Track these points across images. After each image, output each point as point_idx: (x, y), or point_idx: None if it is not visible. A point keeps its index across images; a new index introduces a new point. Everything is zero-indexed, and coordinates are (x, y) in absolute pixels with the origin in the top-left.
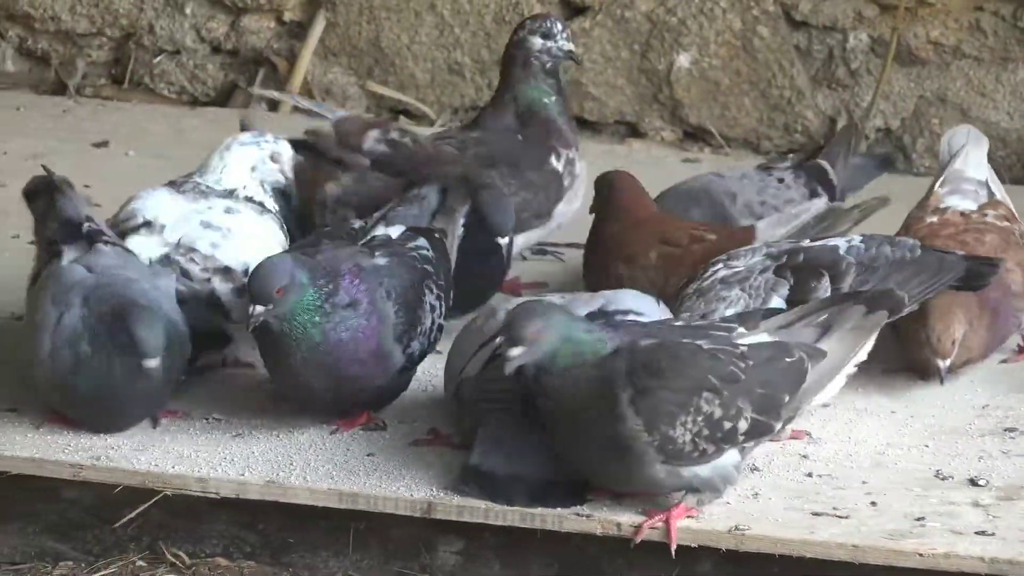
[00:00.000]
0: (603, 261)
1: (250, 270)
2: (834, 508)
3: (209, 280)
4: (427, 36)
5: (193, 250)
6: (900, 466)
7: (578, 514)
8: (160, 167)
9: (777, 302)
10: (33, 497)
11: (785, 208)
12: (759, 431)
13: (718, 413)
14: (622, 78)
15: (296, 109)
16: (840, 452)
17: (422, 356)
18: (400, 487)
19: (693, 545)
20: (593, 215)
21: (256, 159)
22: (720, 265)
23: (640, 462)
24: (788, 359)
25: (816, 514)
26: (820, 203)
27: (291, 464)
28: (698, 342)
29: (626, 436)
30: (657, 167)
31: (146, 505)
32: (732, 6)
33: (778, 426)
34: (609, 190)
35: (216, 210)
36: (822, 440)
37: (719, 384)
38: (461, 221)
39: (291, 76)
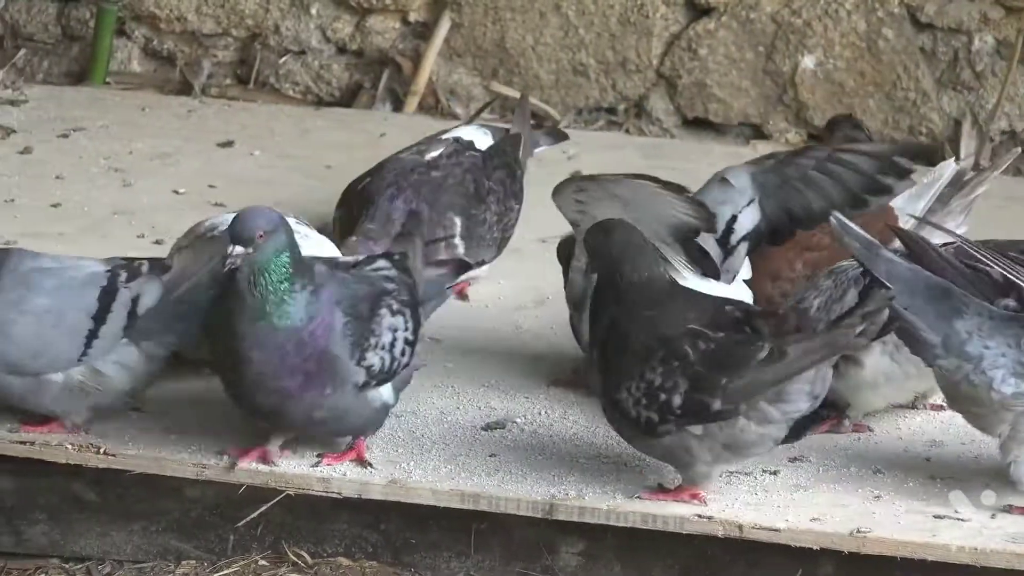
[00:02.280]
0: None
1: None
2: (956, 511)
3: None
4: (552, 37)
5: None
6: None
7: (699, 516)
8: (285, 167)
9: (852, 296)
10: (157, 496)
11: None
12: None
13: None
14: (746, 80)
15: (419, 109)
16: (963, 455)
17: (390, 374)
18: (522, 488)
19: (815, 547)
20: None
21: None
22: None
23: None
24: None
25: (938, 517)
26: (951, 165)
27: (413, 464)
28: None
29: None
30: None
31: (268, 504)
32: (857, 8)
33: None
34: None
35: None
36: (944, 443)
37: None
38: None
39: (416, 77)
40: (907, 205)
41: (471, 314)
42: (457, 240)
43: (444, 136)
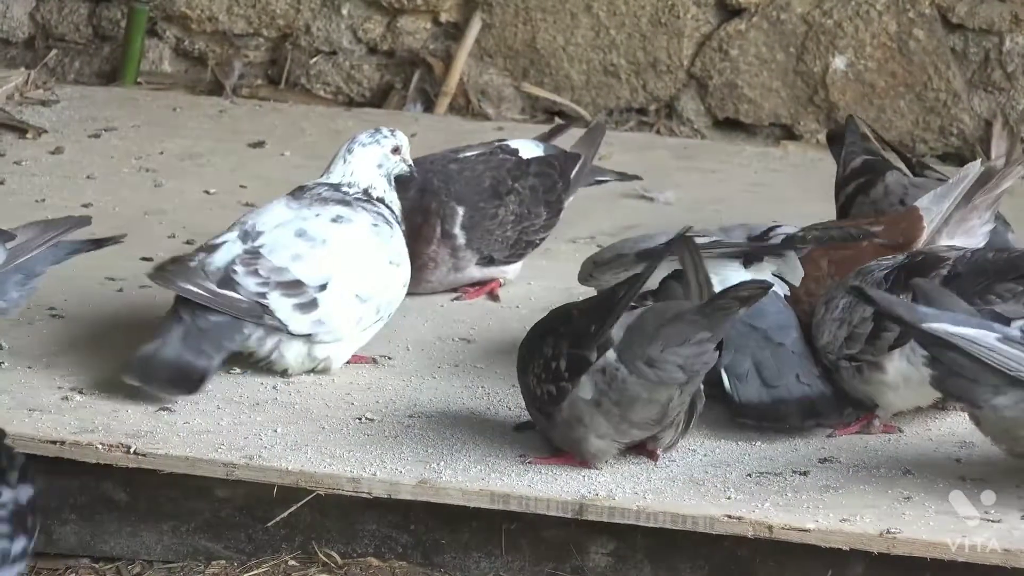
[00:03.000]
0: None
1: (332, 284)
2: (986, 512)
3: (264, 293)
4: (583, 38)
5: (259, 257)
6: None
7: (729, 516)
8: (316, 168)
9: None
10: (186, 496)
11: None
12: None
13: None
14: (777, 80)
15: (450, 110)
16: (993, 456)
17: None
18: (552, 488)
19: (845, 548)
20: None
21: (380, 156)
22: None
23: None
24: None
25: (968, 517)
26: (976, 167)
27: (442, 464)
28: None
29: None
30: (812, 169)
31: (298, 505)
32: (888, 8)
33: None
34: None
35: (323, 218)
36: (975, 444)
37: None
38: None
39: (446, 77)
40: (932, 205)
41: (502, 315)
42: (457, 229)
43: (496, 142)
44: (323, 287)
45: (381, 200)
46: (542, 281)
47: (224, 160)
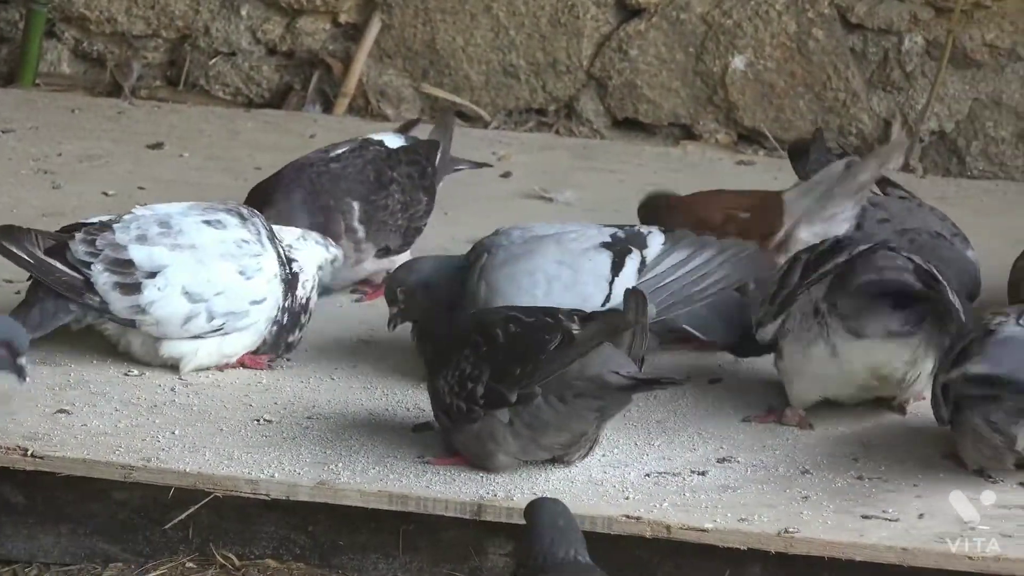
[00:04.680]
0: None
1: (163, 273)
2: (884, 511)
3: (89, 264)
4: (482, 38)
5: (105, 230)
6: (950, 469)
7: (627, 517)
8: (215, 169)
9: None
10: (84, 498)
11: None
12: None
13: None
14: (677, 80)
15: (349, 111)
16: (891, 455)
17: None
18: (450, 489)
19: (743, 548)
20: None
21: (323, 259)
22: None
23: None
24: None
25: (866, 517)
26: (840, 165)
27: (341, 465)
28: None
29: None
30: (711, 169)
31: (196, 507)
32: (787, 8)
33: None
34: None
35: (197, 217)
36: (873, 444)
37: None
38: None
39: (346, 78)
40: (797, 196)
41: None
42: (356, 224)
43: (360, 137)
44: (153, 274)
45: (295, 275)
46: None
47: (122, 162)
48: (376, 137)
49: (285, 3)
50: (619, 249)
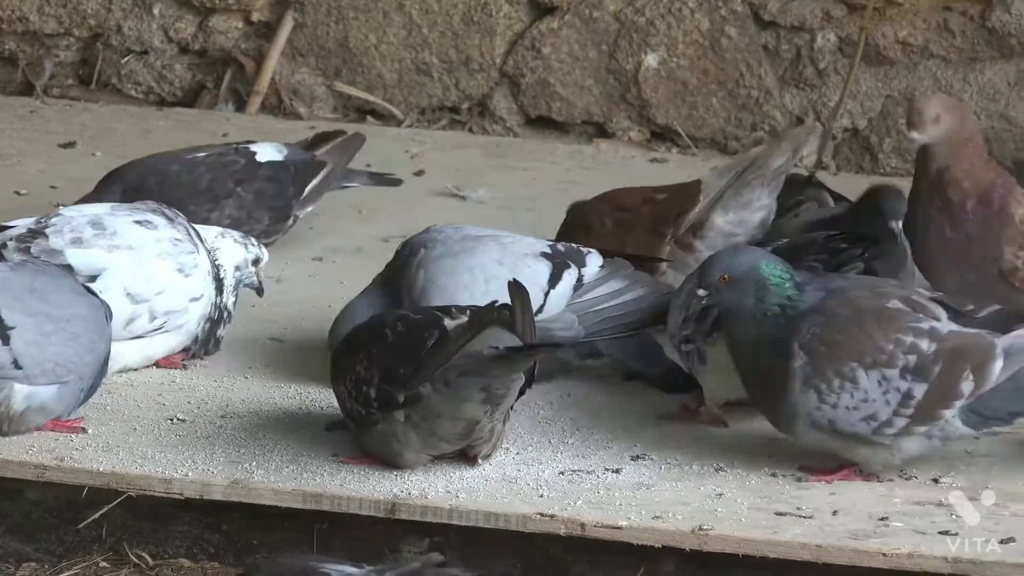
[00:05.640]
0: (567, 234)
1: (104, 276)
2: (798, 508)
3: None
4: (395, 36)
5: (38, 236)
6: None
7: (542, 515)
8: None
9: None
10: None
11: None
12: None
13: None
14: (590, 78)
15: (262, 110)
16: (805, 452)
17: None
18: (364, 487)
19: (657, 545)
20: None
21: (241, 259)
22: None
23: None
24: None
25: (780, 514)
26: (758, 149)
27: (255, 464)
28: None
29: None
30: (624, 167)
31: (110, 506)
32: (700, 6)
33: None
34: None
35: (128, 218)
36: (786, 441)
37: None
38: None
39: (258, 77)
40: (712, 180)
41: (314, 315)
42: None
43: (235, 144)
44: (93, 278)
45: (220, 281)
46: (355, 280)
47: (35, 161)
48: (251, 148)
49: (198, 2)
50: (558, 262)
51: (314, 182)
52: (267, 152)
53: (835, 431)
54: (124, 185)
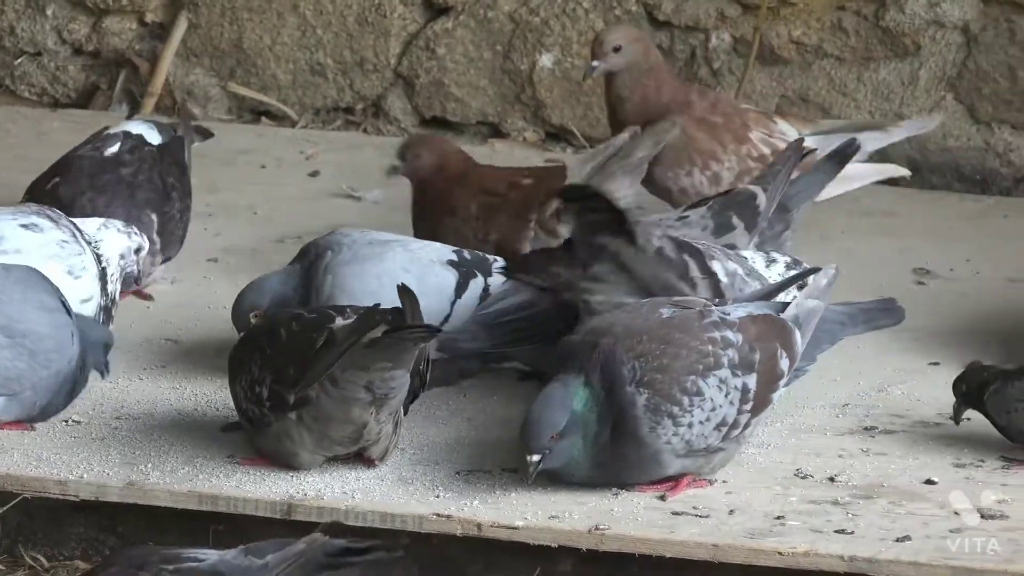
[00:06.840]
0: (431, 216)
1: None
2: (694, 507)
3: None
4: (289, 37)
5: None
6: (760, 465)
7: (438, 515)
8: (20, 170)
9: None
10: None
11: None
12: None
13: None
14: (484, 78)
15: (156, 111)
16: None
17: None
18: (260, 488)
19: (553, 545)
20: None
21: (124, 247)
22: None
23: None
24: None
25: (676, 513)
26: (624, 136)
27: (150, 466)
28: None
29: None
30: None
31: (4, 508)
32: (595, 6)
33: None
34: (419, 154)
35: (13, 222)
36: None
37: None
38: None
39: (152, 78)
40: (578, 165)
41: (209, 316)
42: (155, 237)
43: (113, 131)
44: None
45: (104, 269)
46: (250, 278)
47: None
48: (135, 132)
49: (91, 3)
50: (464, 271)
51: (186, 157)
52: (148, 133)
53: (691, 451)
54: (107, 198)
